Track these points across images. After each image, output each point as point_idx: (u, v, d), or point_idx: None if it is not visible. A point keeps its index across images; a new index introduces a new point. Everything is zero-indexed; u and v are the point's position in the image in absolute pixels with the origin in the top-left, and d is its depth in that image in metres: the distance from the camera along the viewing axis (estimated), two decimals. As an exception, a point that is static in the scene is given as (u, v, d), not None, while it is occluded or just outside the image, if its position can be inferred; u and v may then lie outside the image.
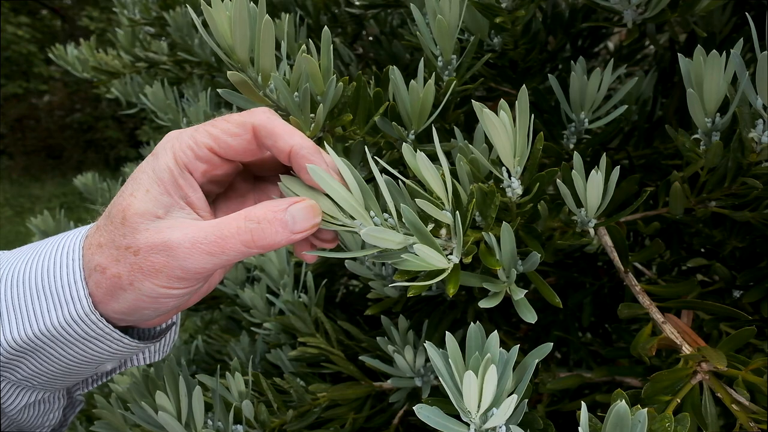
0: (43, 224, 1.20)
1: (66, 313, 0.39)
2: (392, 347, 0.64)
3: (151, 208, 0.38)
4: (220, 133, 0.40)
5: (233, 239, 0.38)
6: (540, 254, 0.43)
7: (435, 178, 0.39)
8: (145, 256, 0.38)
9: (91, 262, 0.39)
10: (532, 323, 0.71)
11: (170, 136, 0.41)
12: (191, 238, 0.37)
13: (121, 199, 0.39)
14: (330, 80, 0.45)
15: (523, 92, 0.40)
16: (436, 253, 0.37)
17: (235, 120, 0.40)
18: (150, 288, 0.39)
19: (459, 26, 0.53)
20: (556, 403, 0.70)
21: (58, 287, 0.39)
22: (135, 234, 0.38)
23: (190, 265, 0.38)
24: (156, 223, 0.38)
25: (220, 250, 0.38)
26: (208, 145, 0.40)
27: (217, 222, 0.38)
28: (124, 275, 0.38)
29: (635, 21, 0.56)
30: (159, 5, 1.25)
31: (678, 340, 0.48)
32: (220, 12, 0.41)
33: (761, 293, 0.56)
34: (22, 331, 0.39)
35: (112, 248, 0.38)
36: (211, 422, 0.57)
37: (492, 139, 0.41)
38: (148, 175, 0.39)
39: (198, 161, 0.40)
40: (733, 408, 0.43)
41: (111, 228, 0.39)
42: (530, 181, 0.45)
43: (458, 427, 0.37)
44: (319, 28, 1.02)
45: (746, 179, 0.48)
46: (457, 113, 0.62)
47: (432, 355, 0.38)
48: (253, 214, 0.38)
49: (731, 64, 0.44)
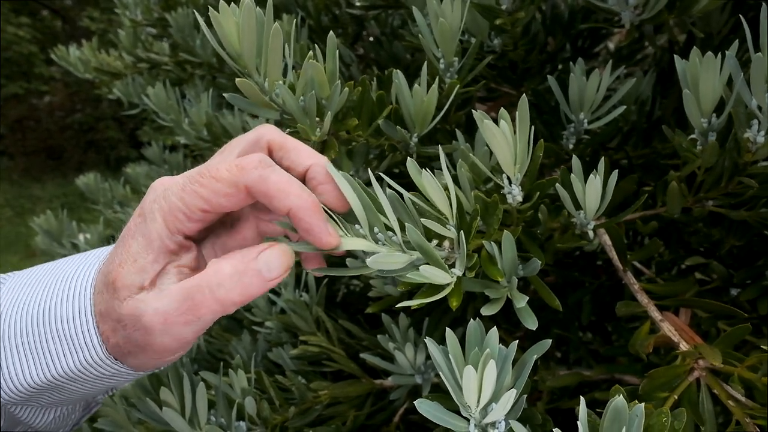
0: (46, 224, 1.21)
1: (81, 358, 0.39)
2: (393, 344, 0.64)
3: (137, 281, 0.37)
4: (211, 195, 0.37)
5: (207, 303, 0.36)
6: (541, 261, 0.43)
7: (440, 196, 0.40)
8: (131, 332, 0.37)
9: (100, 328, 0.38)
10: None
11: (156, 193, 0.38)
12: (162, 313, 0.36)
13: (112, 267, 0.38)
14: (335, 85, 0.46)
15: (523, 101, 0.41)
16: (441, 272, 0.38)
17: (225, 178, 0.37)
18: (145, 359, 0.39)
19: (461, 28, 0.54)
20: (556, 401, 0.70)
21: (71, 333, 0.38)
22: (122, 307, 0.37)
23: (168, 341, 0.37)
24: (140, 295, 0.37)
25: (195, 317, 0.36)
26: (201, 208, 0.37)
27: (187, 288, 0.36)
28: (123, 346, 0.38)
29: (633, 22, 0.57)
30: (161, 6, 1.25)
31: (675, 337, 0.49)
32: (228, 18, 0.42)
33: (758, 291, 0.57)
34: (41, 373, 0.39)
35: (108, 319, 0.38)
36: (214, 419, 0.58)
37: (493, 148, 0.42)
38: (138, 242, 0.37)
39: (191, 222, 0.38)
40: (730, 404, 0.44)
41: (107, 297, 0.38)
42: (530, 187, 0.46)
43: (458, 422, 0.38)
44: (320, 28, 1.02)
45: (742, 179, 0.48)
46: (458, 115, 0.63)
47: (432, 350, 0.39)
48: (223, 272, 0.36)
49: (726, 66, 0.44)
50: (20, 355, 0.39)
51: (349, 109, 0.52)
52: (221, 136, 1.05)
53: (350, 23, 1.04)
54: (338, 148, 0.49)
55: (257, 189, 0.37)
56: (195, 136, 1.06)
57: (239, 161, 0.37)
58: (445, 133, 0.64)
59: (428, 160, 0.59)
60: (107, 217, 1.35)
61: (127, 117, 6.16)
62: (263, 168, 0.37)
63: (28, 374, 0.39)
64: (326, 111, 0.47)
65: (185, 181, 0.37)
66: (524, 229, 0.50)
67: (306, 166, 0.40)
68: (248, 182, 0.36)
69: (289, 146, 0.41)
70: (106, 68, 1.42)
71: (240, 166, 0.37)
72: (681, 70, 0.47)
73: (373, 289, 0.69)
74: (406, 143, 0.54)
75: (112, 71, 1.42)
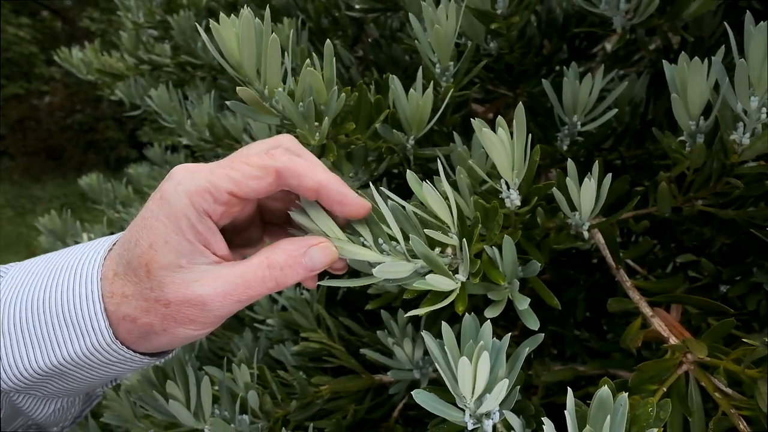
0: (50, 223, 1.22)
1: (88, 343, 0.40)
2: (392, 340, 0.66)
3: (173, 260, 0.38)
4: (242, 177, 0.38)
5: (259, 287, 0.40)
6: (540, 262, 0.45)
7: (441, 206, 0.41)
8: (177, 308, 0.39)
9: (117, 312, 0.39)
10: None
11: (180, 177, 0.39)
12: (222, 291, 0.39)
13: (140, 251, 0.39)
14: (333, 91, 0.47)
15: (519, 108, 0.42)
16: (446, 279, 0.39)
17: (256, 163, 0.39)
18: (183, 333, 0.40)
19: (456, 33, 0.55)
20: (551, 396, 0.72)
21: (78, 318, 0.39)
22: (162, 288, 0.38)
23: (221, 313, 0.40)
24: (181, 274, 0.39)
25: (247, 297, 0.40)
26: (229, 190, 0.38)
27: (242, 271, 0.39)
28: (157, 324, 0.40)
29: (624, 26, 0.59)
30: (163, 9, 1.27)
31: (665, 332, 0.51)
32: (228, 29, 0.43)
33: (747, 287, 0.58)
34: (46, 358, 0.40)
35: (140, 299, 0.39)
36: (218, 412, 0.60)
37: (491, 154, 0.43)
38: (164, 223, 0.38)
39: (217, 205, 0.39)
40: (716, 396, 0.45)
41: (135, 280, 0.39)
42: (528, 191, 0.48)
43: (454, 412, 0.39)
44: (320, 31, 1.04)
45: (729, 179, 0.50)
46: (455, 117, 0.64)
47: (429, 343, 0.41)
48: (276, 262, 0.40)
49: (713, 71, 0.46)
50: (25, 341, 0.40)
51: (347, 113, 0.53)
52: (223, 137, 1.06)
53: (350, 26, 1.06)
54: (337, 152, 0.51)
55: (288, 169, 0.39)
56: (197, 137, 1.07)
57: (270, 146, 0.40)
58: (441, 135, 0.66)
59: (425, 161, 0.60)
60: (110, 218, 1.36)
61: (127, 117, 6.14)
62: (290, 154, 0.40)
63: (33, 360, 0.40)
64: (324, 116, 0.49)
65: (213, 167, 0.39)
66: (522, 231, 0.51)
67: (317, 181, 0.41)
68: (278, 165, 0.39)
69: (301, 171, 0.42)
70: (109, 70, 1.43)
71: (269, 153, 0.39)
72: (670, 74, 0.48)
73: (373, 287, 0.70)
74: (403, 146, 0.56)
75: (114, 73, 1.43)
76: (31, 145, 7.68)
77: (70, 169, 7.49)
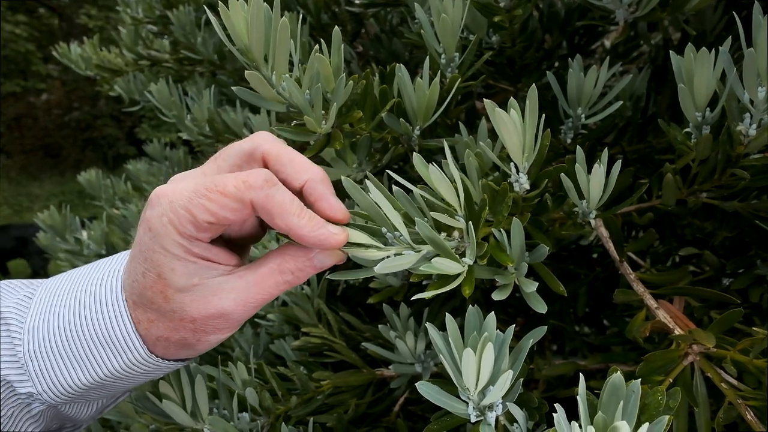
0: (49, 219, 1.22)
1: (126, 360, 0.42)
2: (394, 333, 0.66)
3: (186, 282, 0.40)
4: (219, 209, 0.39)
5: (274, 291, 0.42)
6: (548, 246, 0.45)
7: (447, 188, 0.41)
8: (203, 322, 0.41)
9: (149, 335, 0.42)
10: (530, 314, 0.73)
11: (162, 207, 0.39)
12: (242, 300, 0.41)
13: (150, 282, 0.40)
14: (340, 78, 0.47)
15: (532, 90, 0.42)
16: (453, 262, 0.39)
17: (232, 194, 0.39)
18: (216, 338, 0.43)
19: (462, 24, 0.55)
20: (552, 390, 0.72)
21: (112, 339, 0.42)
22: (184, 308, 0.40)
23: (243, 318, 0.43)
24: (198, 291, 0.40)
25: (263, 301, 0.42)
26: (208, 221, 0.39)
27: (255, 280, 0.41)
28: (189, 337, 0.42)
29: (627, 20, 0.59)
30: (162, 4, 1.26)
31: (671, 323, 0.51)
32: (238, 13, 0.43)
33: (749, 280, 0.58)
34: (89, 375, 0.42)
35: (166, 322, 0.41)
36: (217, 411, 0.59)
37: (502, 136, 0.43)
38: (162, 254, 0.39)
39: (201, 231, 0.39)
40: (723, 387, 0.45)
41: (155, 307, 0.41)
42: (536, 176, 0.47)
43: (457, 404, 0.39)
44: (320, 26, 1.04)
45: (735, 170, 0.50)
46: (459, 109, 0.64)
47: (433, 335, 0.40)
48: (287, 269, 0.42)
49: (720, 61, 0.46)
50: (65, 361, 0.42)
51: (353, 102, 0.53)
52: (223, 132, 1.06)
53: (350, 21, 1.05)
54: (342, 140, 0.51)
55: (262, 206, 0.39)
56: (197, 132, 1.07)
57: (246, 178, 0.39)
58: (445, 127, 0.65)
59: (430, 153, 0.60)
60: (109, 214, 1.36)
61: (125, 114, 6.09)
62: (269, 187, 0.39)
63: (76, 377, 0.42)
64: (331, 104, 0.49)
65: (191, 195, 0.39)
66: (530, 217, 0.51)
67: (303, 180, 0.42)
68: (254, 199, 0.39)
69: (284, 160, 0.42)
70: (107, 65, 1.43)
71: (248, 183, 0.39)
72: (676, 65, 0.48)
73: (375, 280, 0.70)
74: (409, 136, 0.56)
75: (113, 68, 1.42)
76: (29, 142, 7.66)
77: (67, 166, 7.48)
